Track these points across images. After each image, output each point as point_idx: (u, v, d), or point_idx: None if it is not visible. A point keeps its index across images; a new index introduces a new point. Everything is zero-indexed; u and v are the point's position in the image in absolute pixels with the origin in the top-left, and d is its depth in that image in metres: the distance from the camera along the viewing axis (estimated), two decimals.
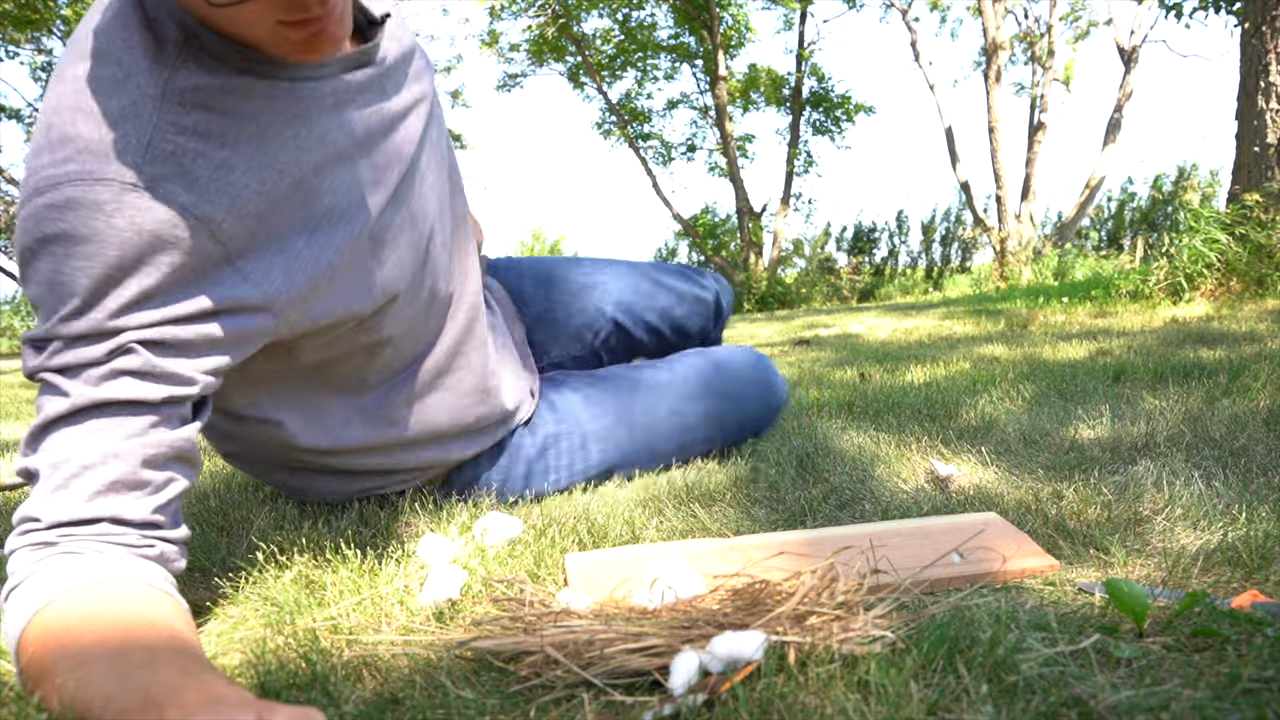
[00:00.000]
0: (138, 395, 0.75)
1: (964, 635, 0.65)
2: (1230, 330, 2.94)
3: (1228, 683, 0.58)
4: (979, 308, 5.41)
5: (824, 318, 6.24)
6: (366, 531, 1.13)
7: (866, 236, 16.29)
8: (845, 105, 15.36)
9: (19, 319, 17.60)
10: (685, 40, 14.95)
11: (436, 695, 0.65)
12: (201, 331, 0.78)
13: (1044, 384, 2.02)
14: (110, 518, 0.73)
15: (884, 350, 3.42)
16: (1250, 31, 4.46)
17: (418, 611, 0.85)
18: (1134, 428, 1.46)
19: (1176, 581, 0.81)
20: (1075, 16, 14.41)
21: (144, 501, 0.75)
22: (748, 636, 0.63)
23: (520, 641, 0.69)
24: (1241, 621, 0.66)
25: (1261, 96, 4.39)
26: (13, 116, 15.23)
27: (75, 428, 0.73)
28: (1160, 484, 1.11)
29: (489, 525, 1.05)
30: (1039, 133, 12.80)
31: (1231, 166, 4.67)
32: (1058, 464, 1.28)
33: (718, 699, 0.59)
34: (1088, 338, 3.10)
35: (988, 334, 3.75)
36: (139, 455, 0.75)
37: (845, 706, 0.56)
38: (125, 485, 0.74)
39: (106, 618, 0.65)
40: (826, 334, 4.77)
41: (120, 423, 0.74)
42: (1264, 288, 3.95)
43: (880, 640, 0.65)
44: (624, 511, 1.14)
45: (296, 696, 0.63)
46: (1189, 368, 2.05)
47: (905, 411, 1.80)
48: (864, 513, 1.12)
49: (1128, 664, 0.63)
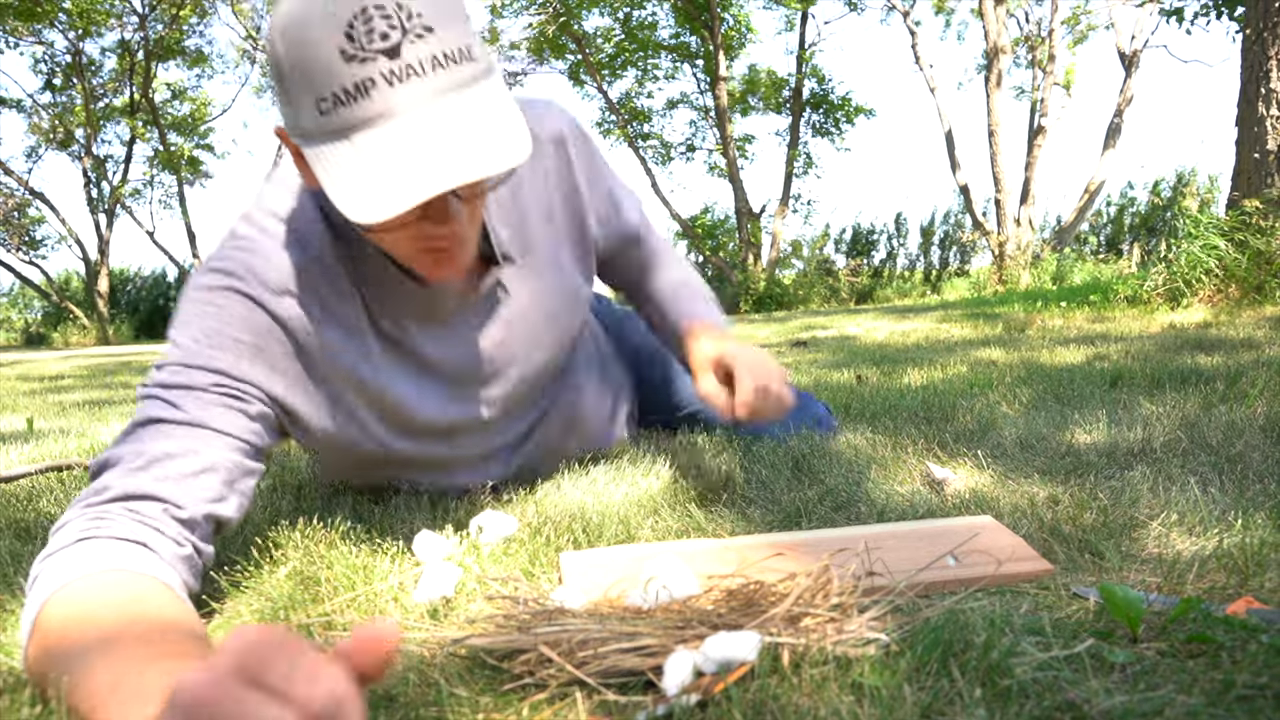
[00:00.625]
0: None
1: (958, 638, 0.65)
2: (1228, 336, 2.94)
3: (1222, 689, 0.58)
4: (977, 311, 5.42)
5: (821, 319, 6.25)
6: (361, 528, 1.12)
7: (865, 239, 16.29)
8: (845, 107, 15.37)
9: (16, 311, 17.58)
10: (686, 40, 14.94)
11: (430, 692, 0.65)
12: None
13: (1041, 388, 2.02)
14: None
15: (881, 352, 3.42)
16: (1251, 38, 4.47)
17: (412, 609, 0.85)
18: (1130, 433, 1.46)
19: (1171, 587, 0.81)
20: (1076, 21, 14.43)
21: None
22: (742, 638, 0.63)
23: (514, 640, 0.69)
24: (1236, 628, 0.66)
25: (1262, 103, 4.40)
26: (13, 107, 15.21)
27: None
28: (1156, 489, 1.11)
29: (484, 523, 1.05)
30: (1039, 137, 12.81)
31: (1231, 172, 4.67)
32: (1054, 468, 1.28)
33: (711, 699, 0.59)
34: (1085, 342, 3.11)
35: (985, 337, 3.75)
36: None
37: (839, 708, 0.56)
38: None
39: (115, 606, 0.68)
40: (824, 336, 4.77)
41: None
42: (1263, 294, 3.95)
43: (874, 643, 0.64)
44: (619, 510, 1.14)
45: None
46: (1186, 373, 2.05)
47: (902, 414, 1.80)
48: (859, 515, 1.12)
49: (1122, 669, 0.63)
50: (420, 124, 0.76)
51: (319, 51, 0.75)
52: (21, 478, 1.62)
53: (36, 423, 2.65)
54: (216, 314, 0.93)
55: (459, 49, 0.78)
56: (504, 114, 0.80)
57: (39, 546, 1.11)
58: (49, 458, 1.87)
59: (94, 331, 14.67)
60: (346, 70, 0.75)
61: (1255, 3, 4.47)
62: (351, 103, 0.76)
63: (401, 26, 0.75)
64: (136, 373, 5.11)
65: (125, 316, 16.08)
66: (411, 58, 0.76)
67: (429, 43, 0.77)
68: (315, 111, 0.78)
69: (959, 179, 13.13)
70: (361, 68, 0.75)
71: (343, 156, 0.77)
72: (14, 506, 1.36)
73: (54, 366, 6.15)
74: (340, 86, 0.76)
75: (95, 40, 15.01)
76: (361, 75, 0.75)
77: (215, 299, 0.93)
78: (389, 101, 0.76)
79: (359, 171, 0.76)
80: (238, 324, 0.93)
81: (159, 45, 14.93)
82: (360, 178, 0.76)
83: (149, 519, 0.81)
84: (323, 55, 0.75)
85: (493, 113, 0.79)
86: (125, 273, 17.45)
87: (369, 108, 0.76)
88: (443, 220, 0.85)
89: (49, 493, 1.46)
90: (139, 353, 8.34)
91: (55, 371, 5.54)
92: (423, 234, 0.87)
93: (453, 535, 1.05)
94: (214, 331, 0.92)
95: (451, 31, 0.78)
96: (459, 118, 0.77)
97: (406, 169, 0.75)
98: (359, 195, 0.76)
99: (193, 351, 0.91)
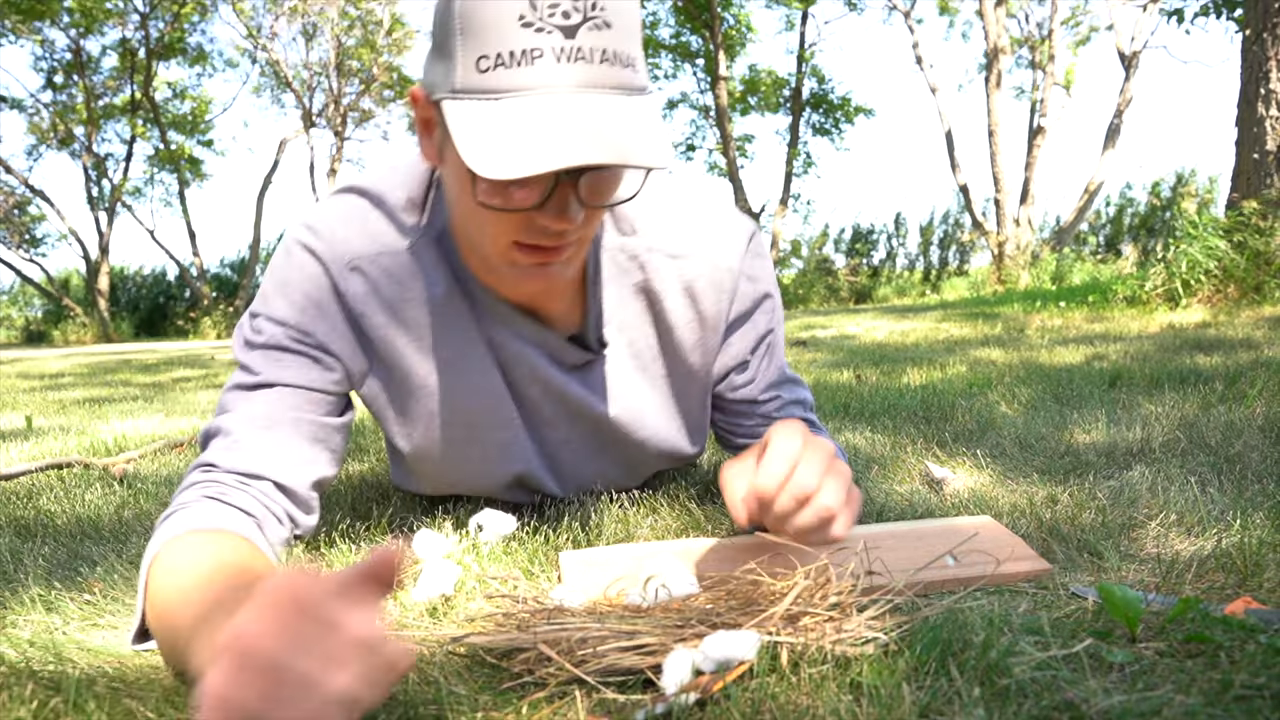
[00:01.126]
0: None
1: (957, 638, 0.65)
2: (1227, 337, 2.94)
3: (1220, 689, 0.58)
4: (976, 311, 5.42)
5: (821, 319, 6.25)
6: (360, 525, 1.12)
7: (864, 238, 16.30)
8: (845, 107, 15.37)
9: (16, 309, 17.58)
10: (687, 39, 14.94)
11: (429, 690, 0.65)
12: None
13: (1040, 388, 2.02)
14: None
15: (880, 352, 3.42)
16: (1251, 38, 4.47)
17: (411, 607, 0.85)
18: (1129, 433, 1.47)
19: (1170, 587, 0.81)
20: (1076, 21, 14.43)
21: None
22: (741, 636, 0.63)
23: (513, 638, 0.69)
24: (1234, 628, 0.66)
25: (1261, 103, 4.40)
26: (14, 106, 15.19)
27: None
28: (1155, 489, 1.11)
29: (484, 521, 1.05)
30: (1038, 137, 12.81)
31: (1231, 173, 4.68)
32: (1053, 468, 1.28)
33: (710, 698, 0.59)
34: (1084, 342, 3.11)
35: (984, 337, 3.75)
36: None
37: (837, 707, 0.56)
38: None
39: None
40: (823, 335, 4.78)
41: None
42: (1261, 295, 3.95)
43: (873, 641, 0.65)
44: (618, 509, 1.14)
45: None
46: (1185, 374, 2.05)
47: (901, 413, 1.80)
48: (858, 515, 1.12)
49: (1120, 669, 0.63)
50: (571, 104, 0.75)
51: (498, 11, 0.75)
52: (21, 475, 1.62)
53: (36, 420, 2.65)
54: (299, 275, 0.95)
55: (628, 55, 0.78)
56: (652, 127, 0.78)
57: (39, 544, 1.12)
58: (49, 455, 1.87)
59: (94, 329, 14.66)
60: (519, 35, 0.75)
61: (1255, 3, 4.47)
62: (515, 66, 0.75)
63: (584, 12, 0.75)
64: (137, 370, 5.11)
65: (125, 314, 16.09)
66: (585, 43, 0.75)
67: (604, 36, 0.76)
68: (474, 68, 0.77)
69: (958, 179, 13.13)
70: (535, 37, 0.75)
71: (486, 114, 0.76)
72: (14, 504, 1.36)
73: (54, 364, 6.15)
74: (508, 49, 0.75)
75: (96, 38, 15.02)
76: (532, 44, 0.75)
77: (294, 258, 0.96)
78: (550, 76, 0.75)
79: (498, 130, 0.75)
80: (320, 290, 0.95)
81: (160, 43, 14.93)
82: (497, 136, 0.75)
83: (261, 495, 0.89)
84: (501, 15, 0.75)
85: (642, 120, 0.78)
86: (125, 271, 17.47)
87: (530, 76, 0.75)
88: (561, 212, 0.81)
89: (49, 490, 1.46)
90: (139, 351, 8.34)
91: (55, 369, 5.54)
92: (533, 226, 0.83)
93: (452, 534, 1.05)
94: (289, 286, 0.95)
95: (627, 38, 0.78)
96: (610, 110, 0.76)
97: (545, 138, 0.74)
98: (490, 151, 0.75)
99: (267, 304, 0.95)
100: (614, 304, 1.03)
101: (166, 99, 16.59)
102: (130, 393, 3.69)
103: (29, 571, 0.99)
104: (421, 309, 0.98)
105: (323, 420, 0.96)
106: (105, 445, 2.01)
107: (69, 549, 1.11)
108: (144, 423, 2.51)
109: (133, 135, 15.84)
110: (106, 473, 1.65)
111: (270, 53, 15.70)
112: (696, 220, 1.03)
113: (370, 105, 17.02)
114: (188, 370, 5.05)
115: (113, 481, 1.56)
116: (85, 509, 1.32)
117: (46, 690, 0.63)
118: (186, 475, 0.90)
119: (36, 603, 0.89)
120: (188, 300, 16.52)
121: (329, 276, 0.95)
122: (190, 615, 0.63)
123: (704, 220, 1.04)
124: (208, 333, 13.92)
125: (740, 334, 1.08)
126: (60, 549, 1.10)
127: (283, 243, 0.98)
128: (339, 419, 0.99)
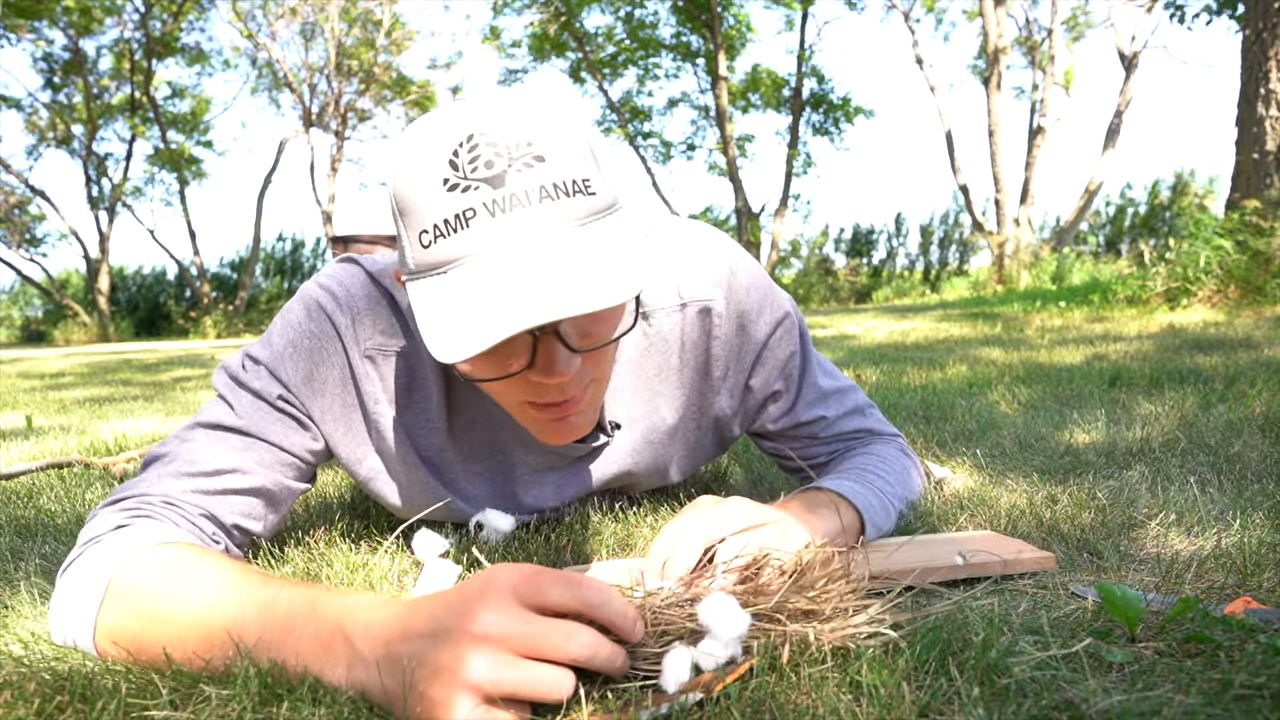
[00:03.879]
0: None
1: (957, 637, 0.65)
2: (1227, 337, 2.94)
3: (1220, 689, 0.58)
4: (976, 311, 5.42)
5: (821, 319, 6.25)
6: (360, 525, 1.12)
7: (864, 238, 16.31)
8: (845, 107, 15.38)
9: (16, 308, 17.59)
10: (687, 39, 14.94)
11: None
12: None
13: (1040, 388, 2.03)
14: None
15: (880, 352, 3.42)
16: (1251, 38, 4.47)
17: None
18: (1129, 433, 1.47)
19: (1169, 587, 0.81)
20: (1076, 21, 14.43)
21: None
22: (732, 610, 0.62)
23: None
24: (1234, 628, 0.67)
25: (1261, 103, 4.40)
26: (13, 106, 15.19)
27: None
28: (1154, 489, 1.11)
29: (484, 521, 1.05)
30: (1038, 137, 12.81)
31: (1231, 173, 4.68)
32: (1053, 468, 1.28)
33: (710, 698, 0.59)
34: (1085, 342, 3.11)
35: (984, 337, 3.75)
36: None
37: (837, 706, 0.56)
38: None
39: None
40: (824, 335, 4.77)
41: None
42: (1262, 295, 3.95)
43: (876, 636, 0.65)
44: (618, 509, 1.14)
45: (291, 691, 0.62)
46: (1185, 373, 2.05)
47: (901, 413, 1.80)
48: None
49: (1120, 668, 0.63)
50: (515, 260, 0.70)
51: (423, 182, 0.72)
52: (21, 475, 1.63)
53: (36, 420, 2.65)
54: (309, 340, 0.92)
55: (573, 180, 0.73)
56: (617, 253, 0.73)
57: (39, 543, 1.12)
58: (49, 455, 1.87)
59: (94, 329, 14.67)
60: (447, 200, 0.71)
61: (1255, 3, 4.48)
62: (451, 234, 0.71)
63: (509, 155, 0.71)
64: (137, 370, 5.12)
65: (125, 314, 16.11)
66: (516, 187, 0.71)
67: (538, 172, 0.71)
68: (419, 246, 0.73)
69: (959, 179, 13.13)
70: (463, 197, 0.71)
71: (437, 291, 0.73)
72: (14, 503, 1.36)
73: (54, 364, 6.15)
74: (441, 218, 0.71)
75: (95, 38, 15.01)
76: (463, 205, 0.71)
77: (311, 323, 0.92)
78: (487, 235, 0.71)
79: (449, 307, 0.71)
80: (323, 359, 0.92)
81: (158, 42, 14.93)
82: (449, 314, 0.71)
83: (188, 515, 0.85)
84: (427, 184, 0.72)
85: (601, 249, 0.72)
86: (126, 270, 17.48)
87: (468, 241, 0.71)
88: (550, 369, 0.76)
89: (49, 490, 1.46)
90: (139, 350, 8.34)
91: (55, 369, 5.54)
92: (529, 386, 0.80)
93: (451, 533, 1.05)
94: (296, 347, 0.91)
95: (568, 163, 0.73)
96: (560, 252, 0.71)
97: (494, 305, 0.69)
98: (445, 333, 0.71)
99: (275, 357, 0.91)
100: (629, 395, 1.00)
101: (166, 98, 16.61)
102: (130, 392, 3.69)
103: (29, 571, 0.99)
104: (426, 408, 0.96)
105: (288, 484, 0.93)
106: (105, 445, 2.01)
107: (69, 548, 1.10)
108: (144, 422, 2.51)
109: (133, 134, 15.86)
110: (107, 472, 1.65)
111: (269, 52, 15.72)
112: (671, 271, 0.98)
113: (369, 105, 17.04)
114: (188, 370, 5.05)
115: (113, 481, 1.56)
116: (85, 509, 1.32)
117: (49, 689, 0.63)
118: (122, 491, 0.86)
119: (37, 602, 0.89)
120: (188, 300, 16.55)
121: (345, 356, 0.92)
122: (250, 602, 0.66)
123: (677, 271, 0.98)
124: (208, 332, 13.93)
125: (760, 370, 1.03)
126: (60, 548, 1.10)
127: (305, 300, 0.93)
128: (303, 484, 0.96)
